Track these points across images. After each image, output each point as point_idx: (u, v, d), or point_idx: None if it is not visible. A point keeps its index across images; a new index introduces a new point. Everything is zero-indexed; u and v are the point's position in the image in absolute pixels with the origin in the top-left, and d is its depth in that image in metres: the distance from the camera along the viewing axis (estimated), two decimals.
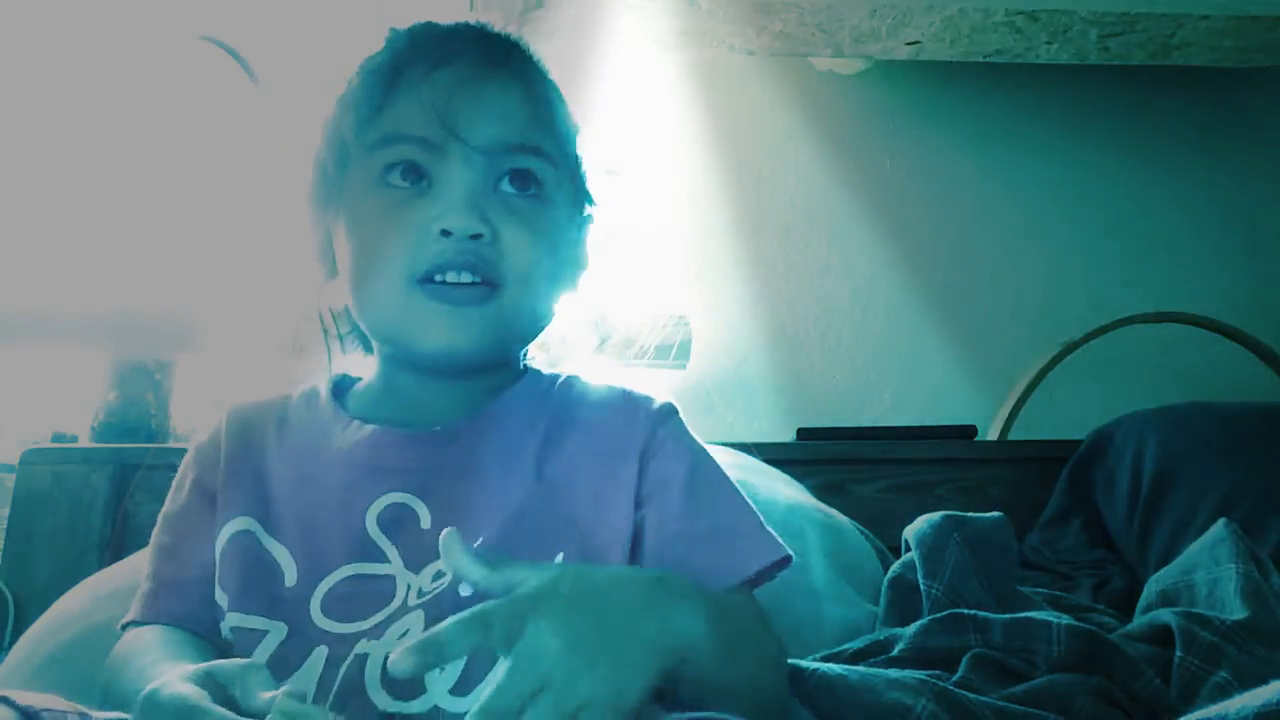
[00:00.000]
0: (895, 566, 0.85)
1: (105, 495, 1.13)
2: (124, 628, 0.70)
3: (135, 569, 0.79)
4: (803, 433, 1.55)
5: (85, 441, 1.35)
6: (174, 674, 0.54)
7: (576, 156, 0.76)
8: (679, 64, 1.87)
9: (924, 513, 0.90)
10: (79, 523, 1.12)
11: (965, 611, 0.69)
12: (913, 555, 0.82)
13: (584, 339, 0.85)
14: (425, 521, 0.67)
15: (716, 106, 1.90)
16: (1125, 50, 1.80)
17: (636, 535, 0.68)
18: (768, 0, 1.68)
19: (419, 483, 0.69)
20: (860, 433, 1.51)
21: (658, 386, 1.74)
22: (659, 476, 0.69)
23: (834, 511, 1.01)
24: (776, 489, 0.99)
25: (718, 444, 1.17)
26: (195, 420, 1.43)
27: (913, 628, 0.70)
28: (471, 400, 0.73)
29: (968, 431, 1.56)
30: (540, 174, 0.71)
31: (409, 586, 0.65)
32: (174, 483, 0.75)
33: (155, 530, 0.74)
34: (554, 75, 0.78)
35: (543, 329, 0.76)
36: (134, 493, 1.15)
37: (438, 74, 0.70)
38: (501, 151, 0.69)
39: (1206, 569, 0.74)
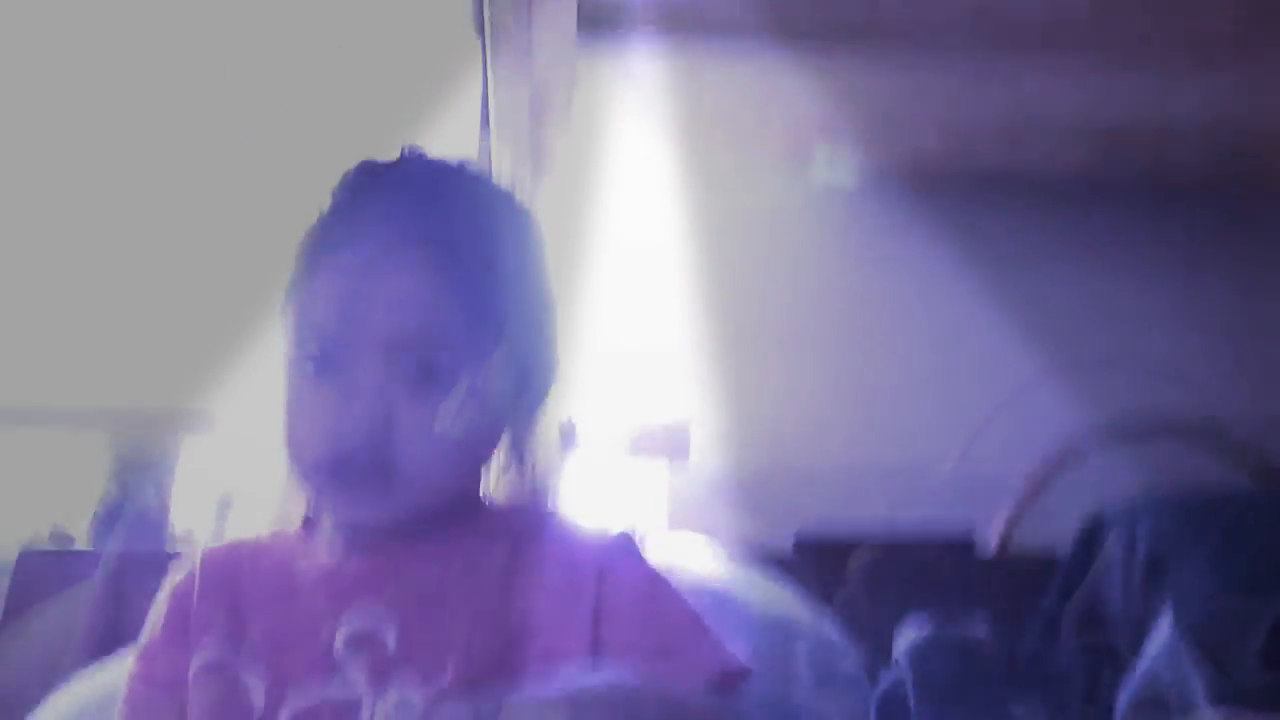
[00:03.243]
0: (885, 682, 0.85)
1: (99, 597, 1.13)
2: None
3: (122, 675, 0.80)
4: (800, 537, 1.55)
5: (83, 534, 1.36)
6: None
7: (520, 325, 0.74)
8: (683, 166, 1.92)
9: (920, 623, 0.90)
10: (72, 624, 1.12)
11: None
12: (902, 670, 0.82)
13: (584, 437, 0.86)
14: (391, 644, 0.68)
15: (717, 209, 1.95)
16: (1120, 165, 1.85)
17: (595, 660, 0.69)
18: (768, 108, 1.74)
19: (384, 605, 0.70)
20: (858, 540, 1.51)
21: (656, 483, 1.75)
22: (612, 602, 0.71)
23: (824, 622, 1.00)
24: (768, 599, 0.99)
25: (713, 547, 1.17)
26: (193, 520, 1.44)
27: None
28: (433, 533, 0.74)
29: (966, 542, 1.55)
30: (447, 362, 0.70)
31: (374, 712, 0.66)
32: (149, 619, 0.77)
33: (131, 663, 0.75)
34: (515, 219, 0.77)
35: (465, 491, 0.77)
36: (129, 595, 1.15)
37: (346, 253, 0.70)
38: (401, 343, 0.69)
39: (1169, 677, 0.74)
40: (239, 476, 1.48)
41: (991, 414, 1.84)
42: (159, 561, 1.18)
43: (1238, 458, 1.74)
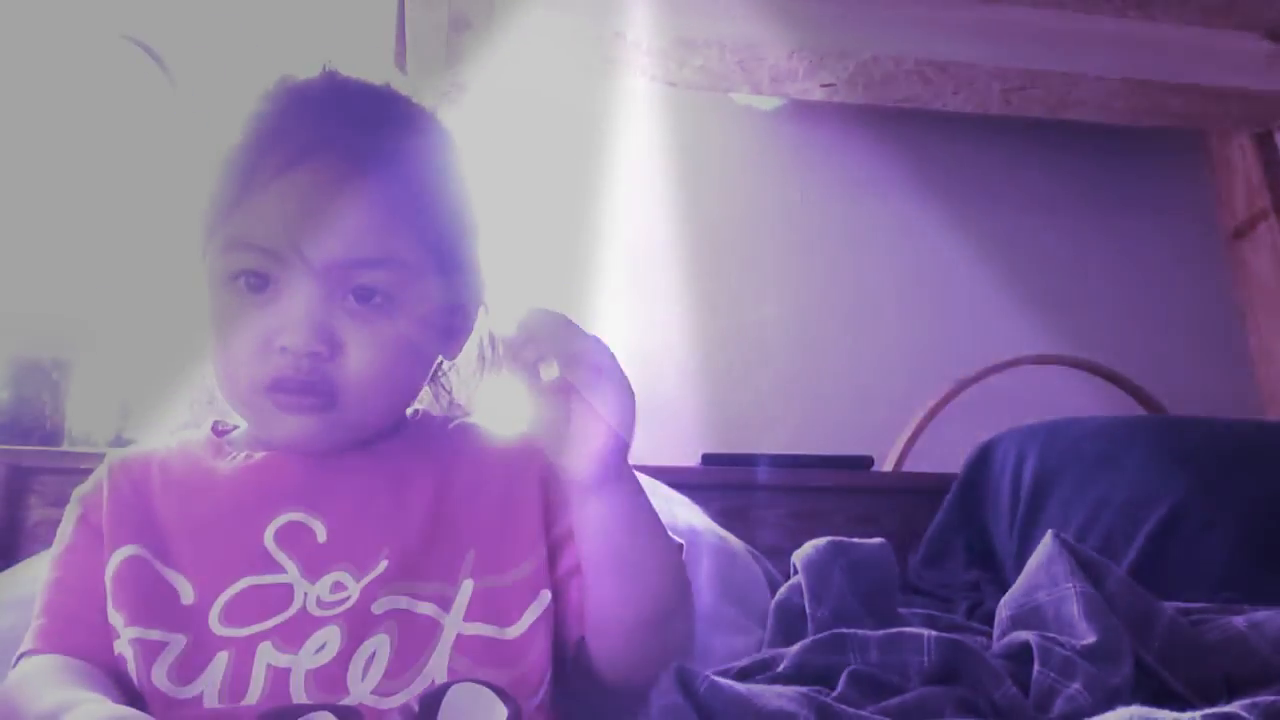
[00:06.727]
0: (782, 590, 0.88)
1: None
2: (18, 658, 0.70)
3: (29, 578, 0.79)
4: (707, 458, 1.59)
5: None
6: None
7: (452, 251, 0.74)
8: (602, 90, 1.91)
9: (816, 537, 0.93)
10: None
11: (845, 631, 0.73)
12: (799, 579, 0.86)
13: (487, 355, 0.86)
14: (321, 536, 0.69)
15: (636, 133, 1.94)
16: (1025, 104, 1.91)
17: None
18: (690, 37, 1.73)
19: (314, 502, 0.70)
20: (761, 460, 1.55)
21: None
22: (521, 492, 0.73)
23: (730, 537, 1.04)
24: (675, 513, 1.02)
25: None
26: (91, 424, 1.40)
27: (796, 647, 0.73)
28: (362, 442, 0.74)
29: (864, 462, 1.61)
30: (388, 286, 0.69)
31: (306, 594, 0.67)
32: (59, 529, 0.75)
33: (45, 570, 0.74)
34: (445, 145, 0.76)
35: (399, 412, 0.77)
36: (26, 496, 1.11)
37: (290, 176, 0.68)
38: (346, 266, 0.68)
39: (1047, 589, 0.79)
40: (136, 383, 1.45)
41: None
42: (56, 461, 1.15)
43: (1122, 389, 1.84)
